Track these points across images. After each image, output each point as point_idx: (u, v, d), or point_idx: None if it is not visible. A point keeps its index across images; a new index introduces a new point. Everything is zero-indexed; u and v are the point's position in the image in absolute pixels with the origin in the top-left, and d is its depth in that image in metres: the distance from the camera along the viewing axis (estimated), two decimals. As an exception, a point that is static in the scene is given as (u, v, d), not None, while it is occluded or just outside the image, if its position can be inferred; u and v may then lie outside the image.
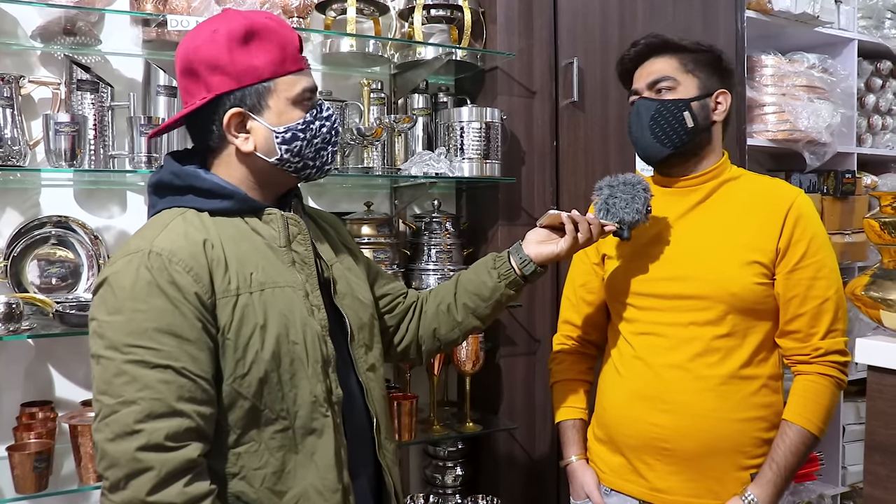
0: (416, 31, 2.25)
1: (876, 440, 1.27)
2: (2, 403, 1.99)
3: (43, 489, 1.77)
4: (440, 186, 2.46)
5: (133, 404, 1.09)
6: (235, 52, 1.23)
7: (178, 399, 1.11)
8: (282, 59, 1.26)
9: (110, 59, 2.11)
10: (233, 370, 1.18)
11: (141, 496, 1.07)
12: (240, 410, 1.19)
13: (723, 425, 1.53)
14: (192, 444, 1.11)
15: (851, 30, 3.15)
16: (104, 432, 1.10)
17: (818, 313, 1.53)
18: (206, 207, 1.26)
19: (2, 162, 1.82)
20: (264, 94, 1.25)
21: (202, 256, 1.19)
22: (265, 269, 1.24)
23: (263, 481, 1.20)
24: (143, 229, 1.25)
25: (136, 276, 1.14)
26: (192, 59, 1.24)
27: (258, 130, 1.26)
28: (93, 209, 2.11)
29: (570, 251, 1.51)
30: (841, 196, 3.04)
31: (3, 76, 1.85)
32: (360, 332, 1.38)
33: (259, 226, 1.29)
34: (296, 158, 1.29)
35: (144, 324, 1.12)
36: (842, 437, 3.18)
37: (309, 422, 1.24)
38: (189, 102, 1.27)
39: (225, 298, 1.19)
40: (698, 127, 1.59)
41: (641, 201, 1.53)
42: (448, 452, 2.38)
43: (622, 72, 1.70)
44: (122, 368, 1.11)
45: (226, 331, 1.18)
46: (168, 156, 1.33)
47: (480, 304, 1.54)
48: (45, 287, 1.99)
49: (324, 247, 1.41)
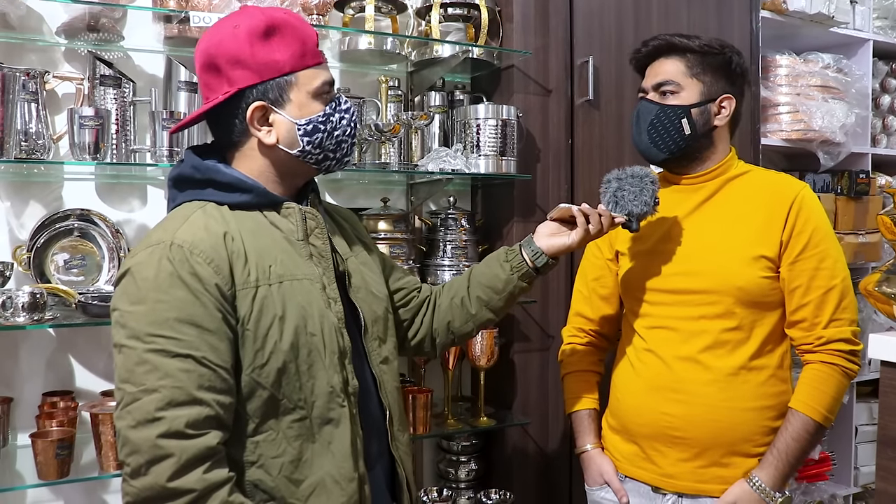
0: (433, 30, 2.27)
1: (889, 435, 1.28)
2: (24, 392, 2.03)
3: (65, 476, 1.80)
4: (456, 183, 2.48)
5: (154, 392, 1.11)
6: (257, 46, 1.25)
7: (199, 388, 1.13)
8: (302, 53, 1.28)
9: (132, 55, 2.14)
10: (252, 360, 1.20)
11: (161, 482, 1.09)
12: (258, 400, 1.21)
13: (732, 414, 1.58)
14: (211, 433, 1.13)
15: (866, 30, 3.15)
16: (126, 419, 1.12)
17: (821, 303, 1.56)
18: (225, 201, 1.28)
19: (26, 155, 1.85)
20: (286, 88, 1.28)
21: (222, 249, 1.21)
22: (283, 262, 1.26)
23: (281, 469, 1.22)
24: (164, 222, 1.27)
25: (158, 267, 1.17)
26: (213, 55, 1.26)
27: (281, 123, 1.28)
28: (114, 203, 2.14)
29: (581, 243, 1.53)
30: (855, 196, 3.04)
31: (29, 71, 1.88)
32: (374, 325, 1.40)
33: (277, 219, 1.31)
34: (317, 150, 1.31)
35: (166, 314, 1.14)
36: (854, 437, 3.18)
37: (326, 411, 1.26)
38: (210, 98, 1.28)
39: (245, 290, 1.21)
40: (696, 133, 1.63)
41: (649, 194, 1.56)
42: (462, 447, 2.39)
43: (636, 67, 1.74)
44: (143, 357, 1.13)
45: (245, 322, 1.20)
46: (188, 150, 1.35)
47: (494, 297, 1.56)
48: (66, 279, 2.02)
49: (339, 241, 1.43)
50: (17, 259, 1.96)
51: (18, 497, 1.98)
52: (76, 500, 2.07)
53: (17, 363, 2.03)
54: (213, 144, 1.38)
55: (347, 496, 1.26)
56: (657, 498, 1.64)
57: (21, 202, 2.05)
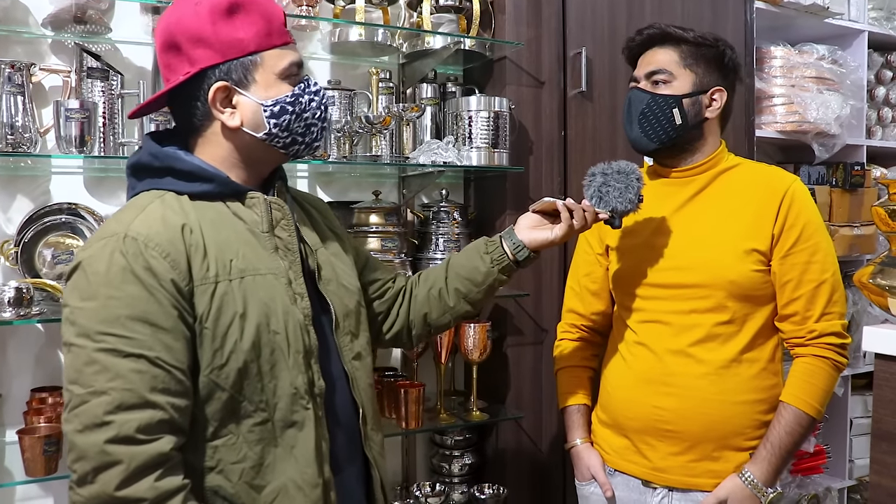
0: (424, 21, 2.25)
1: (883, 428, 1.27)
2: (12, 388, 2.01)
3: (53, 472, 1.78)
4: (448, 176, 2.46)
5: (103, 395, 1.05)
6: (219, 24, 1.19)
7: (151, 390, 1.07)
8: (267, 31, 1.23)
9: (120, 47, 2.12)
10: (210, 360, 1.15)
11: (109, 491, 1.03)
12: (217, 402, 1.15)
13: (723, 408, 1.57)
14: (164, 437, 1.08)
15: (862, 21, 3.13)
16: (73, 423, 1.06)
17: (813, 297, 1.56)
18: (185, 190, 1.22)
19: (13, 149, 1.84)
20: (250, 68, 1.22)
21: (180, 242, 1.15)
22: (246, 256, 1.21)
23: (241, 475, 1.16)
24: (119, 212, 1.21)
25: (110, 260, 1.11)
26: (174, 33, 1.20)
27: (245, 105, 1.23)
28: (102, 196, 2.12)
29: (564, 238, 1.51)
30: (850, 188, 3.03)
31: (15, 64, 1.86)
32: (346, 319, 1.35)
33: (241, 210, 1.25)
34: (284, 133, 1.26)
35: (117, 311, 1.08)
36: (849, 430, 3.18)
37: (289, 414, 1.20)
38: (171, 79, 1.22)
39: (203, 286, 1.15)
40: (687, 124, 1.62)
41: (634, 191, 1.54)
42: (455, 441, 2.38)
43: (628, 57, 1.74)
44: (93, 357, 1.07)
45: (203, 320, 1.14)
46: (147, 136, 1.28)
47: (472, 290, 1.52)
48: (54, 273, 2.00)
49: (308, 231, 1.37)
50: (5, 254, 1.94)
51: (6, 494, 1.97)
52: (64, 497, 2.02)
53: (4, 359, 2.01)
54: (175, 130, 1.31)
55: (311, 502, 1.20)
56: (647, 492, 1.64)
57: (8, 196, 2.03)
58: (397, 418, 2.16)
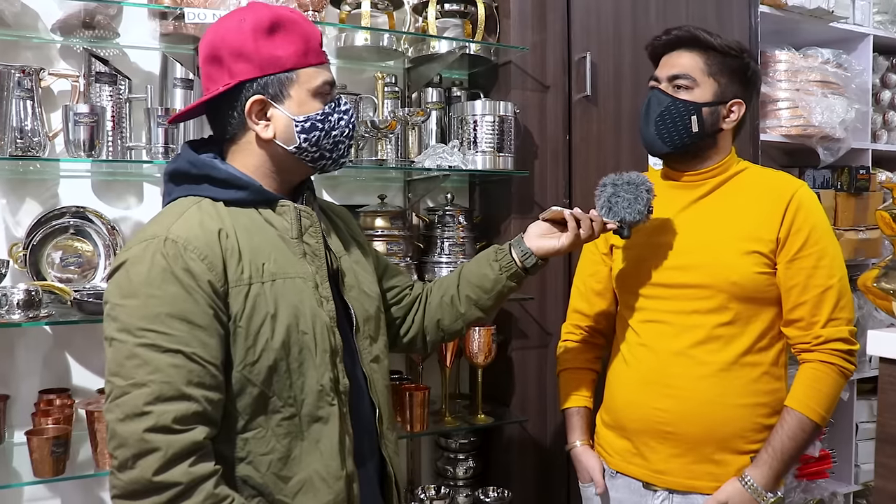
0: (430, 26, 2.26)
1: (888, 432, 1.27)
2: (21, 390, 2.03)
3: (60, 473, 1.80)
4: (453, 180, 2.47)
5: (143, 387, 1.12)
6: (261, 41, 1.26)
7: (187, 383, 1.13)
8: (304, 51, 1.29)
9: (128, 52, 2.14)
10: (243, 357, 1.21)
11: (147, 475, 1.09)
12: (248, 397, 1.22)
13: (724, 410, 1.57)
14: (198, 428, 1.14)
15: (867, 25, 3.13)
16: (115, 413, 1.12)
17: (819, 302, 1.55)
18: (221, 197, 1.28)
19: (22, 153, 1.85)
20: (286, 84, 1.28)
21: (216, 245, 1.21)
22: (277, 260, 1.27)
23: (269, 466, 1.23)
24: (159, 216, 1.27)
25: (151, 262, 1.17)
26: (217, 47, 1.27)
27: (278, 119, 1.29)
28: (110, 200, 2.14)
29: (571, 247, 1.54)
30: (855, 192, 3.03)
31: (24, 68, 1.88)
32: (366, 323, 1.41)
33: (272, 217, 1.31)
34: (313, 148, 1.32)
35: (158, 309, 1.15)
36: (855, 434, 3.17)
37: (315, 410, 1.26)
38: (211, 89, 1.29)
39: (237, 287, 1.21)
40: (703, 132, 1.62)
41: (644, 202, 1.55)
42: (459, 444, 2.39)
43: (651, 54, 1.71)
44: (133, 351, 1.13)
45: (237, 319, 1.21)
46: (185, 144, 1.35)
47: (483, 296, 1.57)
48: (62, 276, 2.02)
49: (334, 240, 1.44)
50: (14, 256, 1.96)
51: (14, 494, 1.98)
52: (72, 498, 2.07)
53: (13, 360, 2.03)
54: (210, 138, 1.38)
55: (335, 494, 1.26)
56: (648, 494, 1.64)
57: (17, 199, 2.05)
58: (402, 421, 2.17)
